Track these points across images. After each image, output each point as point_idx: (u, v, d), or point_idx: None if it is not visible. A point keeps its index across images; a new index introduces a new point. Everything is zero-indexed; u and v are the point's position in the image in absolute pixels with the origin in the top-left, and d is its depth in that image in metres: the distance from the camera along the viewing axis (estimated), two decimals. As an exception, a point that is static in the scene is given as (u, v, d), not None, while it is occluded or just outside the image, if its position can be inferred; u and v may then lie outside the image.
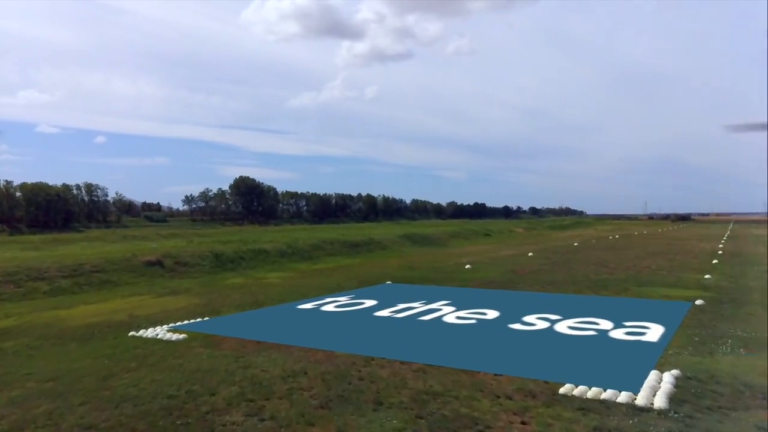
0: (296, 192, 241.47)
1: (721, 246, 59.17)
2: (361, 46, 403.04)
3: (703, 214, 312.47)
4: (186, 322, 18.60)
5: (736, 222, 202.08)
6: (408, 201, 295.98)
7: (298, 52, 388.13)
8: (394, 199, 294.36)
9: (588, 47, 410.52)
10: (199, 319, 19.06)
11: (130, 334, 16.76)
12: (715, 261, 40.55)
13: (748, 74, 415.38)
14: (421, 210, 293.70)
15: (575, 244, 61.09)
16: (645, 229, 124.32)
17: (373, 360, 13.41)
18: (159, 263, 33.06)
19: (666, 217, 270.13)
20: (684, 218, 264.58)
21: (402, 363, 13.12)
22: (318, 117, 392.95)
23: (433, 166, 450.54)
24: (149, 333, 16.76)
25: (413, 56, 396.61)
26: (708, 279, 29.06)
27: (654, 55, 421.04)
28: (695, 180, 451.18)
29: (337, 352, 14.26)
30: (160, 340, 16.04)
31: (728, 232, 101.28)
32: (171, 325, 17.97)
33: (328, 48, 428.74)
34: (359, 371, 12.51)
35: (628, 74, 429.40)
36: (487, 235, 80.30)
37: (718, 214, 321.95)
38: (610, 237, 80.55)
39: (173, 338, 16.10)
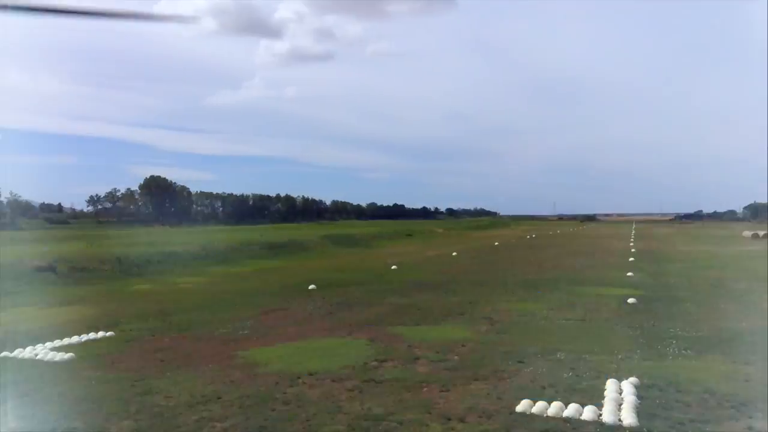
0: (211, 192, 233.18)
1: (632, 244, 61.74)
2: (280, 45, 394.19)
3: (606, 215, 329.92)
4: (76, 338, 15.80)
5: (637, 222, 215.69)
6: (328, 202, 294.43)
7: (215, 49, 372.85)
8: (314, 200, 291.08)
9: (504, 53, 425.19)
10: (92, 335, 16.30)
11: (2, 355, 13.87)
12: (631, 259, 41.68)
13: (652, 82, 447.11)
14: (341, 211, 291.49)
15: (496, 243, 61.71)
16: (558, 229, 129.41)
17: (299, 378, 11.54)
18: (51, 269, 29.26)
19: (574, 218, 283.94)
20: (590, 218, 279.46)
21: (334, 380, 11.35)
22: (237, 116, 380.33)
23: (354, 167, 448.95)
24: (27, 353, 13.94)
25: (334, 57, 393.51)
26: (632, 276, 29.39)
27: (566, 62, 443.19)
28: (599, 182, 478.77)
29: (259, 370, 12.27)
30: (40, 362, 13.33)
31: (633, 232, 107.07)
32: (56, 342, 15.16)
33: (246, 46, 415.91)
34: (284, 393, 10.61)
35: (544, 80, 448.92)
36: (409, 235, 79.81)
37: (619, 215, 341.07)
38: (528, 237, 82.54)
39: (56, 359, 13.43)
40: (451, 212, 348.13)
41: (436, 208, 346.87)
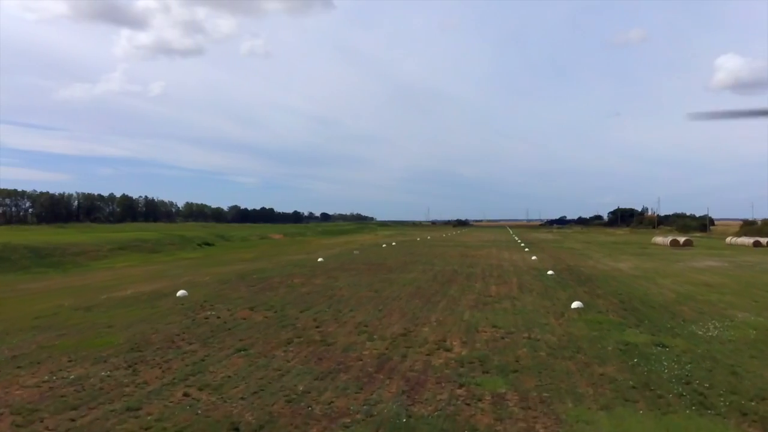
0: (15, 189, 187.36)
1: (534, 258, 39.07)
2: (144, 37, 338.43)
3: (477, 220, 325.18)
4: None
5: (510, 227, 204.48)
6: (181, 204, 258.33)
7: (65, 37, 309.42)
8: (162, 202, 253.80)
9: (374, 62, 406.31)
10: None
11: None
12: (576, 304, 17.75)
13: (508, 96, 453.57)
14: (196, 214, 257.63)
15: (320, 260, 35.89)
16: (429, 234, 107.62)
17: None
18: None
19: (447, 223, 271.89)
20: (463, 223, 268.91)
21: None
22: (93, 113, 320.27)
23: (225, 170, 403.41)
24: None
25: (204, 53, 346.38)
26: None
27: (430, 75, 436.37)
28: (467, 190, 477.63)
29: None
30: None
31: (517, 238, 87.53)
32: None
33: (103, 35, 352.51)
34: None
35: (409, 90, 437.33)
36: (208, 244, 51.77)
37: (489, 221, 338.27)
38: (384, 245, 57.68)
39: None
40: (325, 217, 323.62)
41: (311, 213, 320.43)
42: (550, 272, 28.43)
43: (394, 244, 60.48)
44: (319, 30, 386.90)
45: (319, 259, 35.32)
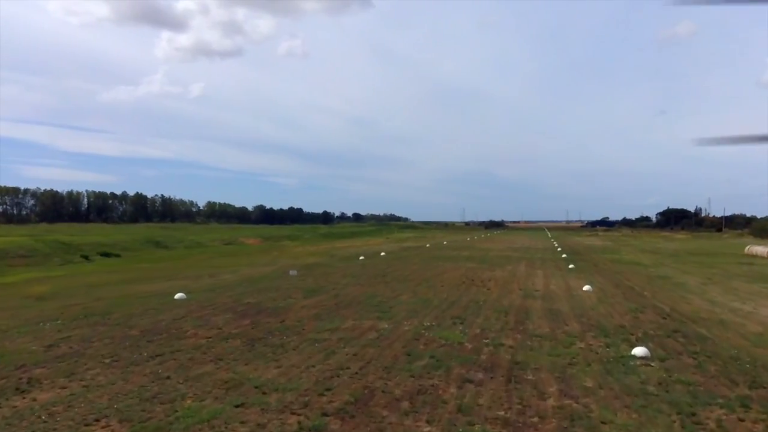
0: (17, 187, 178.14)
1: (587, 288, 22.20)
2: (184, 39, 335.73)
3: (514, 221, 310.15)
4: None
5: (549, 229, 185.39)
6: (202, 204, 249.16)
7: (108, 40, 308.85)
8: (182, 201, 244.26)
9: (412, 61, 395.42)
10: None
11: None
12: None
13: (548, 96, 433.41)
14: (218, 214, 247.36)
15: (179, 296, 19.61)
16: (449, 238, 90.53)
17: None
18: None
19: (481, 224, 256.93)
20: (498, 224, 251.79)
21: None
22: (136, 114, 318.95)
23: (264, 171, 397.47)
24: None
25: (243, 54, 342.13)
26: None
27: (468, 74, 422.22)
28: (504, 190, 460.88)
29: None
30: None
31: (555, 243, 69.74)
32: None
33: (145, 38, 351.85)
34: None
35: (446, 90, 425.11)
36: (107, 255, 36.40)
37: (526, 222, 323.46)
38: (362, 257, 40.78)
39: None
40: (357, 217, 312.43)
41: (343, 213, 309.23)
42: (639, 350, 11.61)
43: (383, 254, 43.85)
44: (356, 30, 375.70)
45: (178, 296, 19.05)
